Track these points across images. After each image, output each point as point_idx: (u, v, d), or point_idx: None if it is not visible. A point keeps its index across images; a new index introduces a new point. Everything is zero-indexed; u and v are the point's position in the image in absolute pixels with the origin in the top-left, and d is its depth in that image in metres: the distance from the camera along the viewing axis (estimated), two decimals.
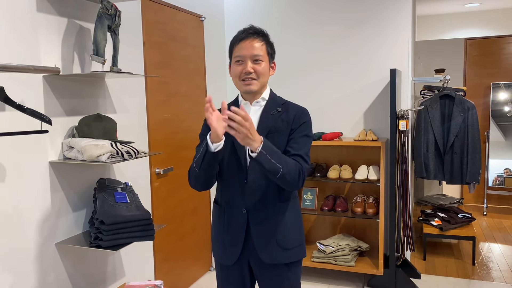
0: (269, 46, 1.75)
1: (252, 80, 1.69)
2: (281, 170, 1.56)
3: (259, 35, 1.71)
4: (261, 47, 1.70)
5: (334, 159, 3.75)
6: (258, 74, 1.70)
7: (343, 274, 3.59)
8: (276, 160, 1.55)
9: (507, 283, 3.42)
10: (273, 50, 1.78)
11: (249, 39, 1.69)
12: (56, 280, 2.10)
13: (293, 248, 1.77)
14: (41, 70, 1.82)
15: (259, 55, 1.69)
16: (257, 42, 1.70)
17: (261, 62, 1.70)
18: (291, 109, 1.76)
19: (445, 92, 3.90)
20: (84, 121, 2.13)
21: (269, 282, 1.78)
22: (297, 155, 1.68)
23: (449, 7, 5.71)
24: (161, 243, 3.01)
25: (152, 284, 2.19)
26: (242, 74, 1.69)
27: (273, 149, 1.56)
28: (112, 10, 2.09)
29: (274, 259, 1.74)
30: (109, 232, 1.96)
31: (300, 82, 3.83)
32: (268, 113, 1.75)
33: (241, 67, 1.69)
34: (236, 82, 1.74)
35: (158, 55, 2.96)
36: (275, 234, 1.73)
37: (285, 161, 1.59)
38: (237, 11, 3.95)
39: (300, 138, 1.72)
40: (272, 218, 1.73)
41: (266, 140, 1.55)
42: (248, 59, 1.68)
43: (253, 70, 1.68)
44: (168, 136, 3.09)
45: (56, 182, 2.08)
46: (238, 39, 1.71)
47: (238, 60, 1.70)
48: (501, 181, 5.54)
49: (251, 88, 1.70)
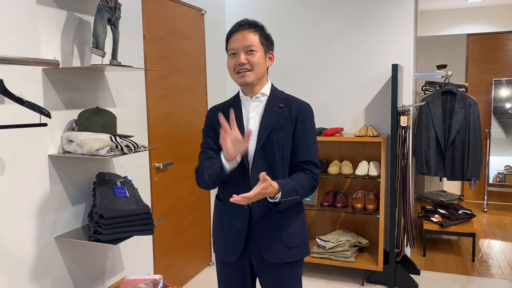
0: (263, 36, 1.72)
1: (247, 71, 1.68)
2: (299, 198, 1.66)
3: (251, 26, 1.70)
4: (253, 37, 1.69)
5: (335, 155, 3.74)
6: (252, 65, 1.68)
7: (343, 269, 3.59)
8: (294, 195, 1.62)
9: (507, 279, 3.42)
10: (269, 40, 1.76)
11: (241, 31, 1.69)
12: (55, 274, 2.09)
13: (297, 246, 1.75)
14: (41, 63, 1.80)
15: (251, 46, 1.67)
16: (249, 33, 1.68)
17: (255, 53, 1.68)
18: (294, 105, 1.74)
19: (447, 88, 3.88)
20: (83, 114, 2.12)
21: (271, 280, 1.77)
22: (307, 162, 1.70)
23: (451, 2, 5.68)
24: (160, 238, 3.00)
25: (151, 279, 2.19)
26: (236, 66, 1.68)
27: (289, 189, 1.60)
28: (112, 3, 2.08)
29: (278, 258, 1.72)
30: (108, 226, 1.96)
31: (301, 77, 3.82)
32: (270, 110, 1.73)
33: (235, 59, 1.69)
34: (232, 75, 1.73)
35: (158, 49, 2.95)
36: (279, 233, 1.71)
37: (301, 186, 1.64)
38: (238, 5, 3.93)
39: (307, 140, 1.72)
40: (275, 215, 1.71)
41: (282, 185, 1.58)
42: (241, 50, 1.67)
43: (246, 61, 1.67)
44: (168, 130, 3.08)
45: (55, 175, 2.07)
46: (231, 32, 1.71)
47: (232, 52, 1.70)
48: (502, 178, 5.53)
49: (246, 80, 1.68)
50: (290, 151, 1.72)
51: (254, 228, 1.72)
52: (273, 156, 1.69)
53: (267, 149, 1.69)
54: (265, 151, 1.69)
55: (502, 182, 5.54)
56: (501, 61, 5.58)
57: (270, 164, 1.70)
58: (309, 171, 1.69)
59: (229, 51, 1.71)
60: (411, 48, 3.50)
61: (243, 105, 1.78)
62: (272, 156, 1.69)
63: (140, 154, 2.74)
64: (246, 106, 1.77)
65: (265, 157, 1.69)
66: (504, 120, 5.49)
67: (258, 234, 1.71)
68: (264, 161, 1.69)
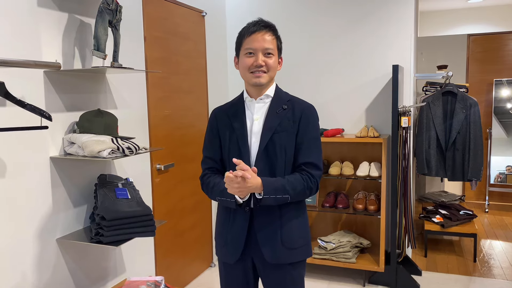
0: (278, 40, 1.75)
1: (263, 73, 1.69)
2: (289, 199, 1.66)
3: (270, 28, 1.72)
4: (272, 41, 1.71)
5: (336, 156, 3.74)
6: (269, 68, 1.70)
7: (344, 270, 3.59)
8: (282, 193, 1.63)
9: (508, 280, 3.42)
10: (281, 45, 1.79)
11: (261, 32, 1.69)
12: (57, 275, 2.10)
13: (299, 247, 1.75)
14: (42, 65, 1.81)
15: (270, 48, 1.69)
16: (268, 35, 1.70)
17: (272, 56, 1.70)
18: (297, 107, 1.74)
19: (448, 88, 3.88)
20: (85, 116, 2.12)
21: (273, 281, 1.77)
22: (308, 163, 1.70)
23: (452, 2, 5.68)
24: (162, 239, 3.00)
25: (152, 280, 2.19)
26: (252, 66, 1.69)
27: (275, 186, 1.63)
28: (113, 5, 2.08)
29: (279, 259, 1.72)
30: (110, 228, 1.96)
31: (302, 78, 3.82)
32: (273, 112, 1.73)
33: (252, 59, 1.69)
34: (245, 74, 1.73)
35: (159, 51, 2.95)
36: (280, 234, 1.71)
37: (291, 187, 1.65)
38: (239, 6, 3.93)
39: (310, 141, 1.72)
40: (277, 216, 1.71)
41: (266, 182, 1.61)
42: (260, 52, 1.68)
43: (264, 63, 1.68)
44: (169, 132, 3.09)
45: (57, 177, 2.08)
46: (249, 32, 1.70)
47: (249, 52, 1.69)
48: (503, 178, 5.52)
49: (261, 81, 1.70)
50: (293, 153, 1.72)
51: (255, 230, 1.72)
52: (276, 158, 1.69)
53: (269, 151, 1.69)
54: (267, 152, 1.69)
55: (503, 182, 5.53)
56: (502, 61, 5.57)
57: (272, 166, 1.70)
58: (307, 172, 1.69)
59: (246, 49, 1.70)
60: (411, 48, 3.50)
61: (247, 107, 1.78)
62: (274, 157, 1.69)
63: (141, 156, 2.75)
64: (251, 108, 1.77)
65: (267, 158, 1.70)
66: (505, 120, 5.48)
67: (259, 235, 1.71)
68: (267, 163, 1.70)
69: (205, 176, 1.80)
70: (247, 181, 1.55)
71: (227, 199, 1.68)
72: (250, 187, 1.57)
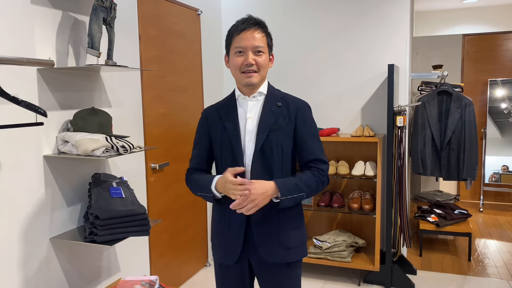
0: (269, 37, 1.73)
1: (254, 72, 1.67)
2: (305, 196, 1.67)
3: (260, 26, 1.69)
4: (262, 39, 1.68)
5: (331, 155, 3.74)
6: (259, 66, 1.67)
7: (339, 270, 3.60)
8: (297, 192, 1.63)
9: (503, 279, 3.43)
10: (272, 42, 1.76)
11: (250, 29, 1.66)
12: (50, 275, 2.08)
13: (296, 247, 1.74)
14: (35, 63, 1.79)
15: (260, 46, 1.66)
16: (258, 33, 1.67)
17: (262, 54, 1.68)
18: (292, 104, 1.73)
19: (443, 88, 3.89)
20: (79, 115, 2.11)
21: (270, 281, 1.76)
22: (315, 160, 1.71)
23: (447, 3, 5.70)
24: (156, 238, 2.99)
25: (147, 280, 2.18)
26: (243, 65, 1.66)
27: (289, 187, 1.63)
28: (107, 3, 2.07)
29: (276, 258, 1.71)
30: (104, 227, 1.95)
31: (297, 77, 3.82)
32: (268, 110, 1.71)
33: (242, 58, 1.66)
34: (236, 74, 1.70)
35: (154, 49, 2.94)
36: (277, 233, 1.70)
37: (305, 184, 1.65)
38: (234, 5, 3.92)
39: (311, 138, 1.72)
40: (274, 216, 1.70)
41: (280, 184, 1.62)
42: (250, 50, 1.65)
43: (254, 62, 1.66)
44: (164, 130, 3.07)
45: (50, 176, 2.06)
46: (239, 30, 1.67)
47: (239, 51, 1.67)
48: (498, 177, 5.55)
49: (252, 81, 1.67)
50: (289, 151, 1.71)
51: (252, 230, 1.70)
52: (272, 157, 1.68)
53: (266, 150, 1.67)
54: (264, 152, 1.68)
55: (498, 182, 5.56)
56: (497, 61, 5.60)
57: (269, 165, 1.68)
58: (316, 168, 1.69)
59: (235, 48, 1.67)
60: (407, 48, 3.51)
61: (239, 105, 1.76)
62: (271, 157, 1.68)
63: (136, 155, 2.73)
64: (243, 106, 1.74)
65: (264, 158, 1.68)
66: (499, 120, 5.51)
67: (256, 235, 1.70)
68: (263, 162, 1.68)
69: (189, 173, 1.83)
70: (251, 194, 1.56)
71: (206, 194, 1.71)
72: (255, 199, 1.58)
